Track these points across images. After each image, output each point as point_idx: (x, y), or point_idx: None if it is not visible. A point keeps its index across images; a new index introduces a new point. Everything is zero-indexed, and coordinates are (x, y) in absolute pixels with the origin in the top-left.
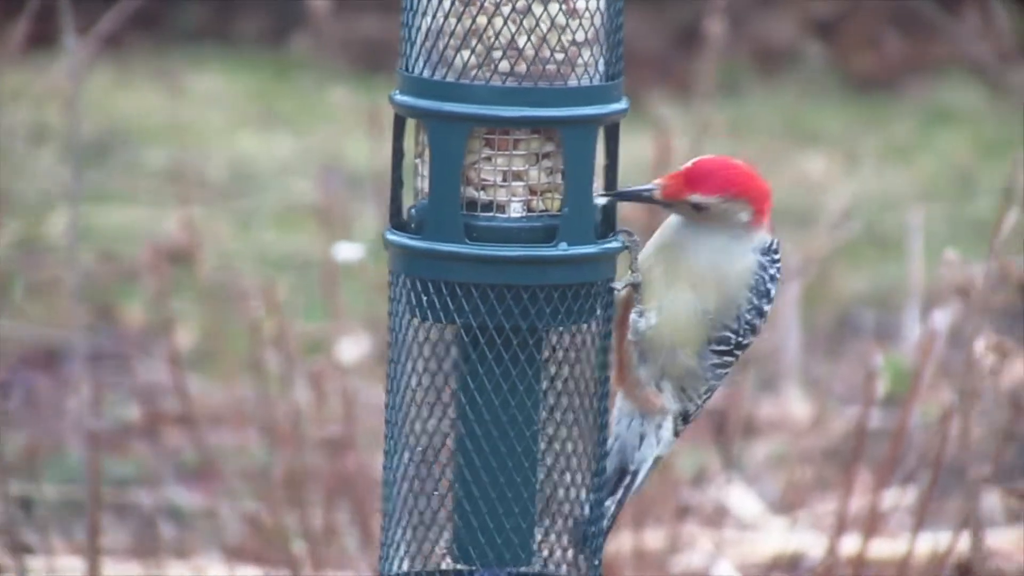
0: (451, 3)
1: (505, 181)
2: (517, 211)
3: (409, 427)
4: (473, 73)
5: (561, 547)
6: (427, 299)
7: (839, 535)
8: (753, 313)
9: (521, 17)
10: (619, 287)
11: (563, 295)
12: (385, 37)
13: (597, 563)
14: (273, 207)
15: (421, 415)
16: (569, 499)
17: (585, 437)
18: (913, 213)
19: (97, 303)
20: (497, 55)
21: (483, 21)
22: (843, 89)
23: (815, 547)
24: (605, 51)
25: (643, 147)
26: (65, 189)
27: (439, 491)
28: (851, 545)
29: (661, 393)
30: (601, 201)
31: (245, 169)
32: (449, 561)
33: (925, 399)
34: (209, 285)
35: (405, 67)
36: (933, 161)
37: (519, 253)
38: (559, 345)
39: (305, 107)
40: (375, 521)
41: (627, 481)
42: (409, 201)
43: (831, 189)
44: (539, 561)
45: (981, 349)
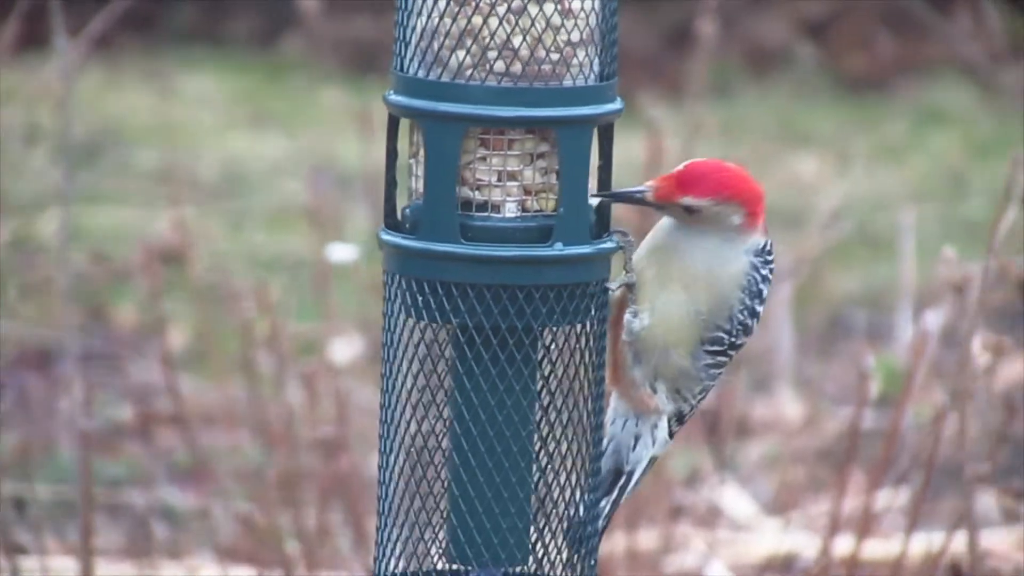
0: (446, 3)
1: (500, 181)
2: (512, 211)
3: (404, 427)
4: (468, 73)
5: (556, 547)
6: (422, 299)
7: (832, 536)
8: (746, 313)
9: (516, 17)
10: (614, 287)
11: (558, 295)
12: (376, 38)
13: (593, 563)
14: (265, 208)
15: (416, 415)
16: (564, 499)
17: (580, 437)
18: (905, 213)
19: (89, 303)
20: (492, 55)
21: (478, 21)
22: (835, 90)
23: (808, 548)
24: (600, 51)
25: (635, 148)
26: (57, 190)
27: (434, 491)
28: (844, 546)
29: (655, 394)
30: (594, 202)
31: (236, 170)
32: (445, 561)
33: (918, 400)
34: (201, 286)
35: (400, 67)
36: (925, 161)
37: (515, 253)
38: (554, 345)
39: (296, 108)
40: (368, 521)
41: (622, 482)
42: (403, 201)
43: (823, 190)
44: (534, 561)
45: (977, 348)
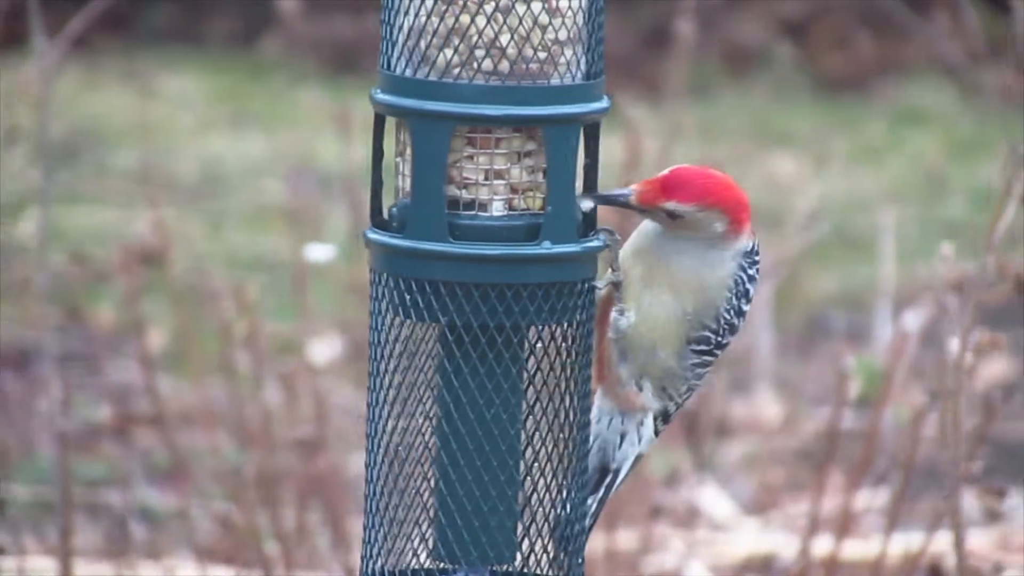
0: (433, 2)
1: (487, 180)
2: (499, 210)
3: (391, 427)
4: (455, 72)
5: (543, 546)
6: (410, 298)
7: (811, 536)
8: (732, 313)
9: (503, 16)
10: (600, 285)
11: (546, 293)
12: (355, 38)
13: (580, 561)
14: (244, 208)
15: (403, 414)
16: (551, 498)
17: (567, 436)
18: (883, 214)
19: (67, 304)
20: (480, 54)
21: (465, 20)
22: (813, 90)
23: (787, 548)
24: (586, 50)
25: (613, 148)
26: (35, 190)
27: (421, 491)
28: (823, 546)
29: (641, 392)
30: (585, 204)
31: (215, 170)
32: (432, 560)
33: (897, 400)
34: (180, 286)
35: (386, 66)
36: (903, 162)
37: (502, 252)
38: (540, 344)
39: (276, 108)
40: (347, 521)
41: (608, 479)
42: (389, 200)
43: (801, 190)
44: (522, 560)
45: (962, 347)
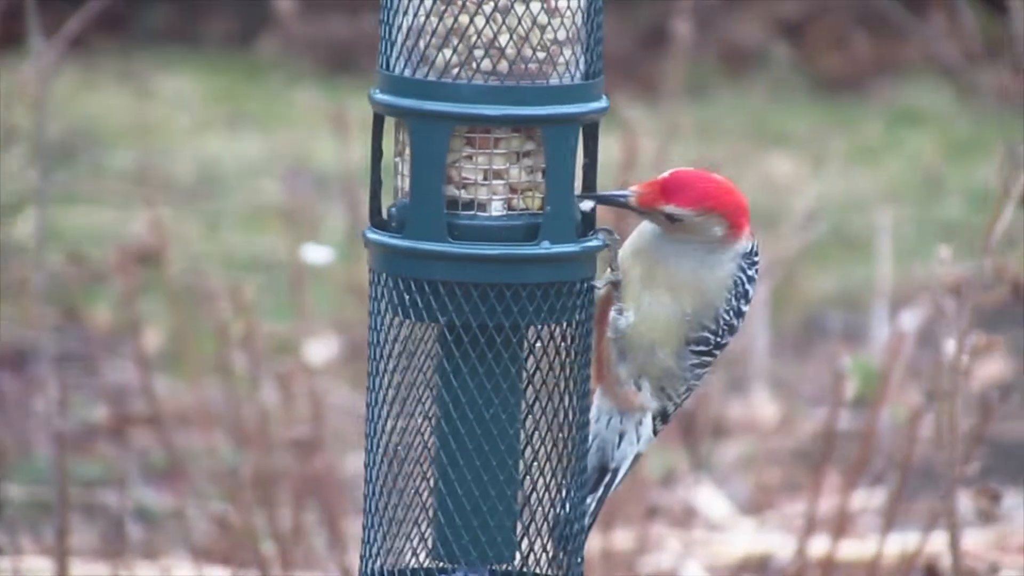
0: (432, 2)
1: (486, 180)
2: (498, 210)
3: (391, 426)
4: (455, 72)
5: (543, 545)
6: (409, 298)
7: (808, 536)
8: (732, 314)
9: (502, 16)
10: (599, 285)
11: (545, 293)
12: (352, 38)
13: (579, 561)
14: (240, 208)
15: (403, 414)
16: (551, 497)
17: (566, 435)
18: (880, 214)
19: (64, 304)
20: (479, 54)
21: (464, 20)
22: (810, 90)
23: (784, 548)
24: (585, 50)
25: (610, 148)
26: (32, 190)
27: (421, 490)
28: (820, 546)
29: (640, 391)
30: (586, 205)
31: (212, 170)
32: (431, 560)
33: (893, 400)
34: (177, 286)
35: (385, 66)
36: (900, 162)
37: (501, 252)
38: (540, 343)
39: (272, 108)
40: (343, 521)
41: (607, 479)
42: (388, 200)
43: (798, 190)
44: (521, 559)
45: (959, 348)
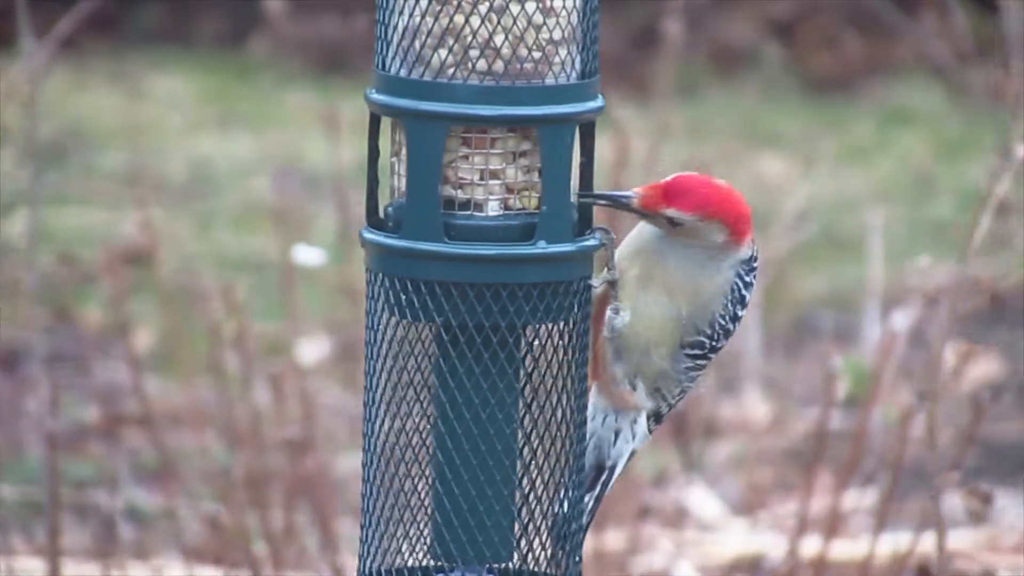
0: (427, 2)
1: (483, 179)
2: (494, 209)
3: (388, 426)
4: (450, 72)
5: (541, 544)
6: (405, 298)
7: (800, 536)
8: (727, 319)
9: (497, 16)
10: (596, 284)
11: (541, 293)
12: (343, 38)
13: (577, 560)
14: (232, 208)
15: (400, 414)
16: (548, 496)
17: (563, 434)
18: (872, 214)
19: (56, 305)
20: (474, 54)
21: (459, 20)
22: (801, 90)
23: (776, 548)
24: (581, 49)
25: (602, 148)
26: (24, 191)
27: (418, 489)
28: (812, 546)
29: (635, 391)
30: (585, 202)
31: (204, 170)
32: (429, 559)
33: (885, 400)
34: (168, 286)
35: (381, 66)
36: (891, 162)
37: (497, 251)
38: (537, 343)
39: (264, 108)
40: (335, 522)
41: (604, 477)
42: (385, 200)
43: (789, 190)
44: (519, 558)
45: (946, 352)
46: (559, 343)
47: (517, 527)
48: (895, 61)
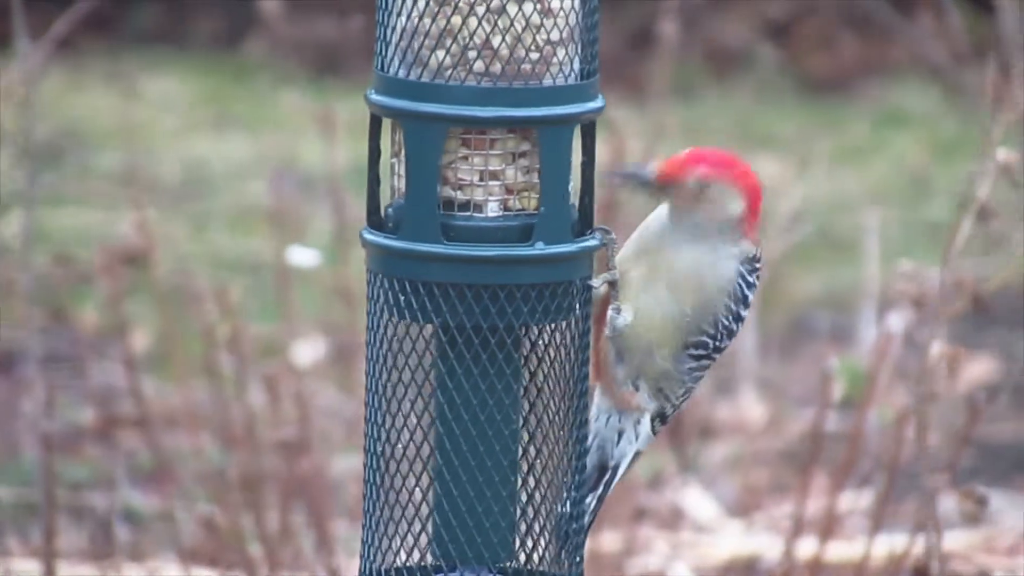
0: (426, 3)
1: (482, 180)
2: (494, 210)
3: (388, 426)
4: (448, 73)
5: (543, 544)
6: (404, 299)
7: (795, 538)
8: (731, 318)
9: (496, 17)
10: (597, 284)
11: (540, 294)
12: (339, 40)
13: (579, 560)
14: (227, 210)
15: (400, 414)
16: (550, 496)
17: (565, 435)
18: (867, 215)
19: (51, 306)
20: (472, 55)
21: (458, 21)
22: (797, 91)
23: (771, 550)
24: (580, 50)
25: (597, 148)
26: (19, 192)
27: (419, 489)
28: (807, 548)
29: (637, 392)
30: (612, 183)
31: (199, 172)
32: (429, 559)
33: (881, 401)
34: (163, 288)
35: (380, 67)
36: (887, 163)
37: (497, 252)
38: (537, 343)
39: (259, 109)
40: (331, 523)
41: (607, 477)
42: (386, 200)
43: (784, 191)
44: (520, 559)
45: (936, 355)
46: (559, 343)
47: (522, 527)
48: (891, 62)
